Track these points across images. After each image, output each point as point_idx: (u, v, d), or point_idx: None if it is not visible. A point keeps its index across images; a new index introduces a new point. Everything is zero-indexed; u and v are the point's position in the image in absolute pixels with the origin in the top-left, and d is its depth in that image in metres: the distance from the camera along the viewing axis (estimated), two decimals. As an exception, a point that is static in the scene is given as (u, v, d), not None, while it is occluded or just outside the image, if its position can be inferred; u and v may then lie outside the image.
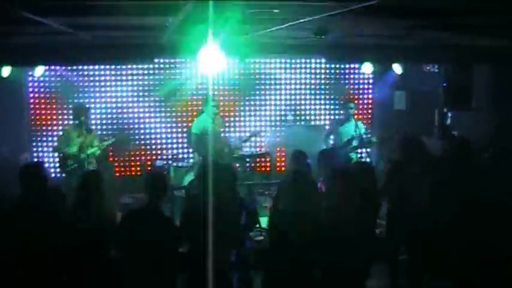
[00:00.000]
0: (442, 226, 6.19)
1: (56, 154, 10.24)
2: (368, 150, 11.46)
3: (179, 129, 12.41)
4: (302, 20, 5.67)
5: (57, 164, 10.43)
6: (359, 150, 11.27)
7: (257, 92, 12.65)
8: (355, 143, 10.38)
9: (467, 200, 6.06)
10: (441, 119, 10.76)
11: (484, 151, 7.04)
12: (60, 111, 11.81)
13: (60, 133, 10.51)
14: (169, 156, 12.17)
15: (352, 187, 5.85)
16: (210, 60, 10.61)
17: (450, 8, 5.11)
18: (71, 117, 10.88)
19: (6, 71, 9.80)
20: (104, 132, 11.72)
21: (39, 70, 10.99)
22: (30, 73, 11.35)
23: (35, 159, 11.66)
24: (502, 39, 8.35)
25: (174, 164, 11.04)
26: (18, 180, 5.88)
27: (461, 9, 5.13)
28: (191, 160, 11.47)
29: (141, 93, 12.17)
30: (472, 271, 6.13)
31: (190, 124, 11.19)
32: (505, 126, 9.87)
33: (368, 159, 11.49)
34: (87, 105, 10.94)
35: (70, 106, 11.32)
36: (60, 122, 11.02)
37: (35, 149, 11.92)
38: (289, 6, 4.70)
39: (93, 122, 11.36)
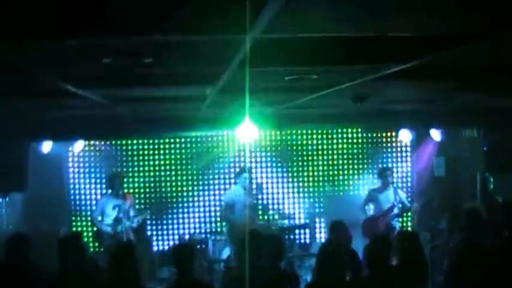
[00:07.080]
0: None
1: (95, 228, 10.23)
2: (408, 218, 11.23)
3: (217, 202, 12.36)
4: (339, 87, 5.65)
5: (95, 238, 10.41)
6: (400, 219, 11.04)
7: (294, 163, 12.58)
8: (396, 210, 10.17)
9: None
10: (483, 183, 10.52)
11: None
12: (99, 185, 11.90)
13: (94, 207, 10.54)
14: (208, 229, 12.10)
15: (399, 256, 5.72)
16: (247, 131, 10.77)
17: (487, 67, 5.05)
18: (105, 186, 11.10)
19: (47, 146, 9.92)
20: (142, 206, 11.74)
21: (79, 145, 11.13)
22: (69, 148, 11.49)
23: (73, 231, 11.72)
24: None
25: (213, 237, 10.91)
26: (57, 251, 5.88)
27: (498, 68, 5.07)
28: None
29: (179, 166, 12.22)
30: None
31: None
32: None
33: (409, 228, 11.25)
34: (120, 173, 10.90)
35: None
36: (99, 197, 11.08)
37: (74, 223, 11.96)
38: (327, 72, 4.68)
39: (130, 193, 11.36)
